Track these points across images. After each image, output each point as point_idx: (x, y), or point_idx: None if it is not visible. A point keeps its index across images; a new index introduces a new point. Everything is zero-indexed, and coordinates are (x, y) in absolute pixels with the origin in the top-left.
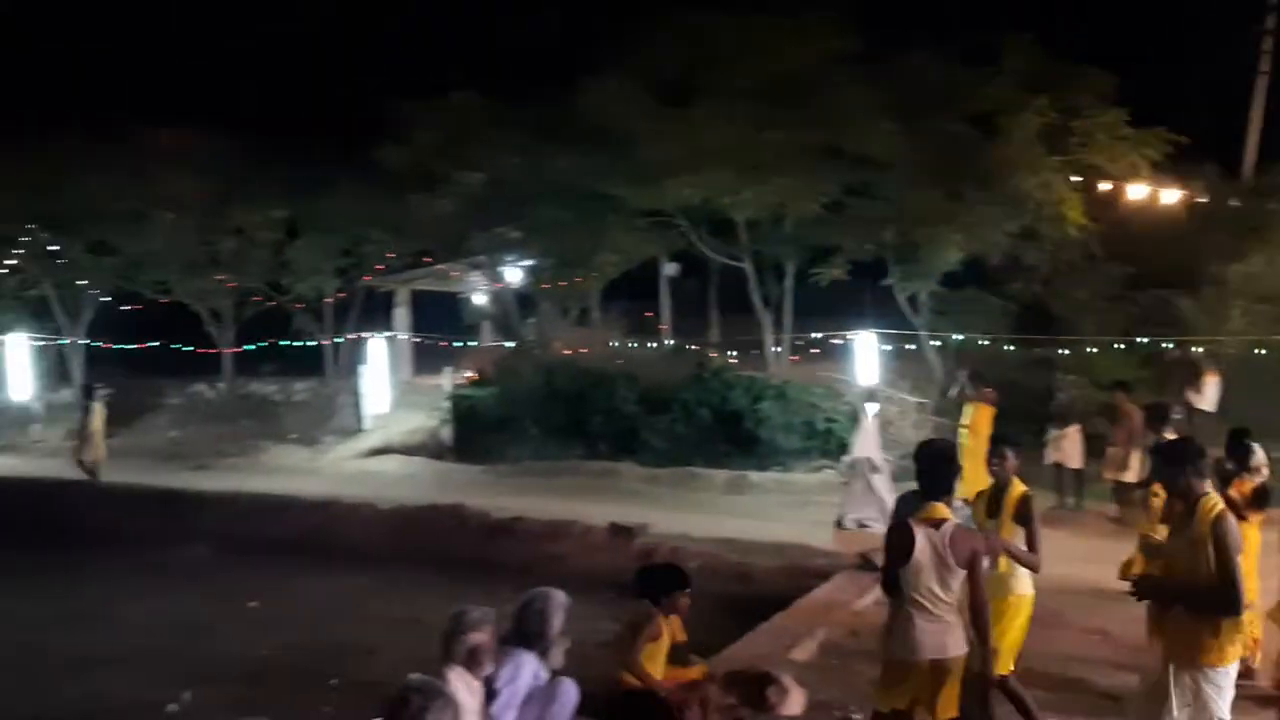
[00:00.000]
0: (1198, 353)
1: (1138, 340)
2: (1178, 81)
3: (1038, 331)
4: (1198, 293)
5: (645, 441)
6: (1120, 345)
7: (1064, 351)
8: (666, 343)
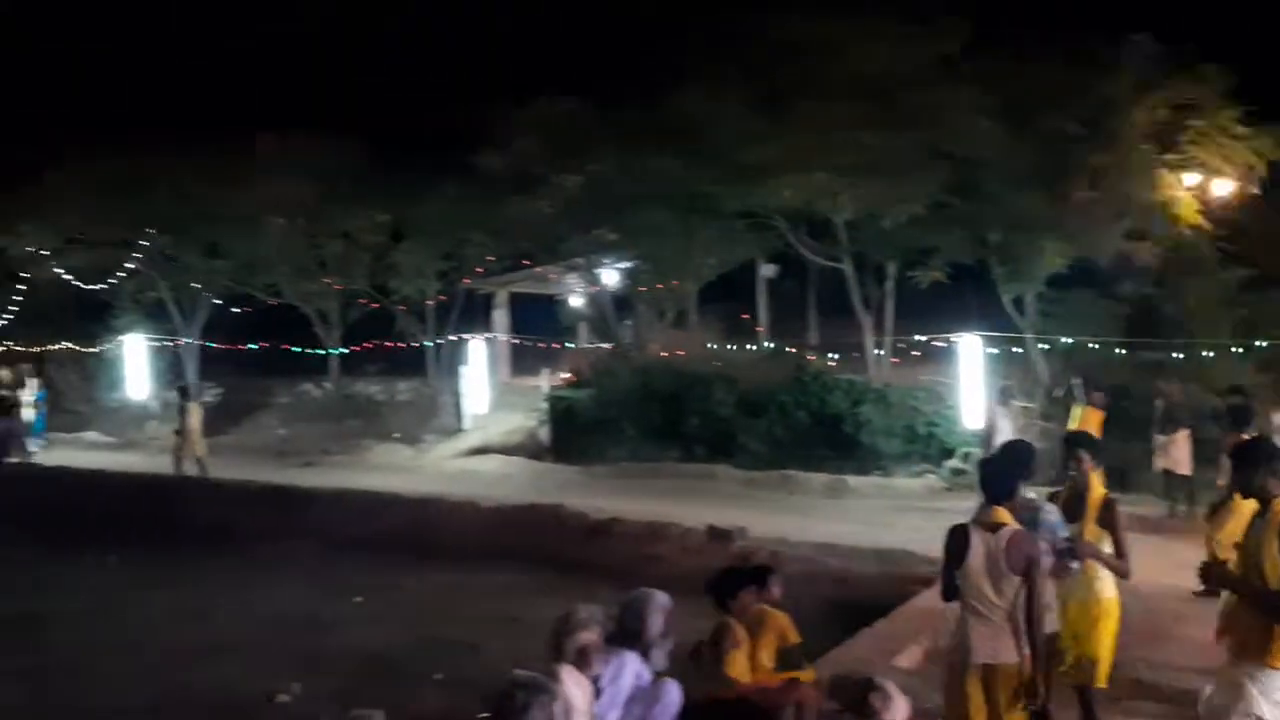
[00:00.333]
0: None
1: (1255, 344)
2: None
3: (1149, 334)
4: None
5: (742, 444)
6: (1237, 349)
7: (1178, 356)
8: (764, 345)
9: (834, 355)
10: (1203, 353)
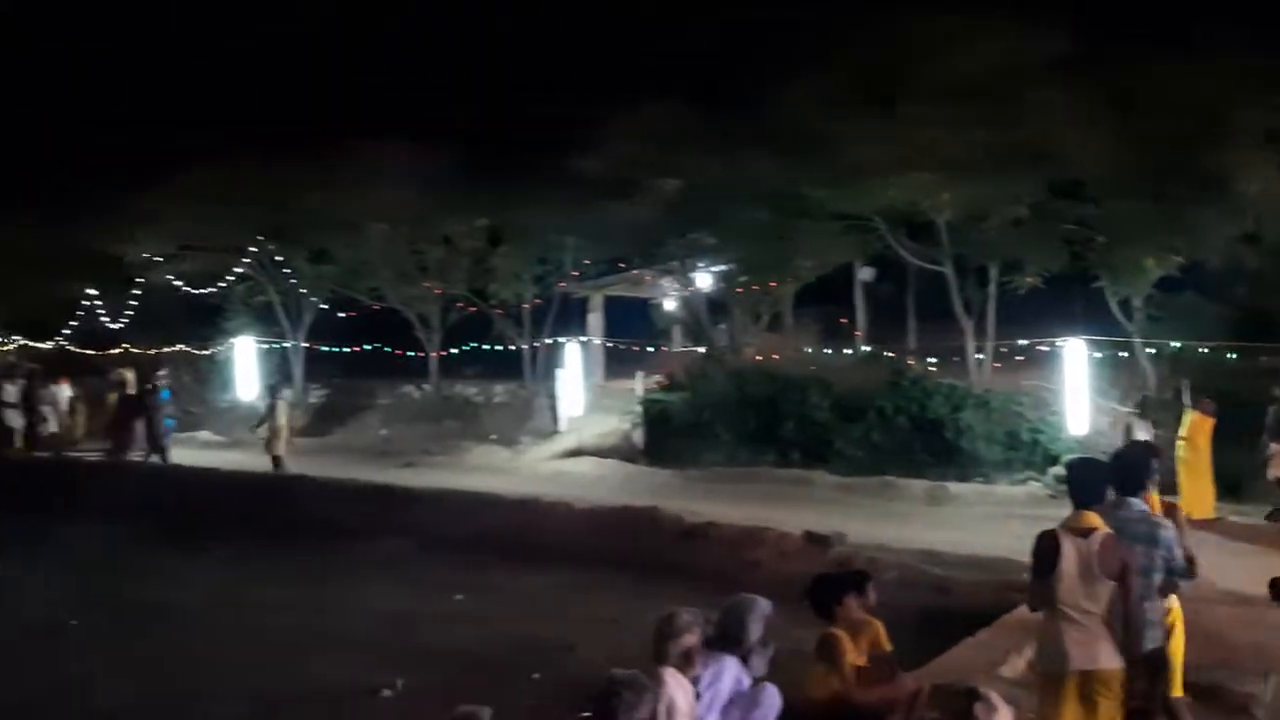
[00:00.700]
0: None
1: None
2: None
3: (1261, 339)
4: None
5: (839, 450)
6: None
7: None
8: (862, 349)
9: (933, 359)
10: None
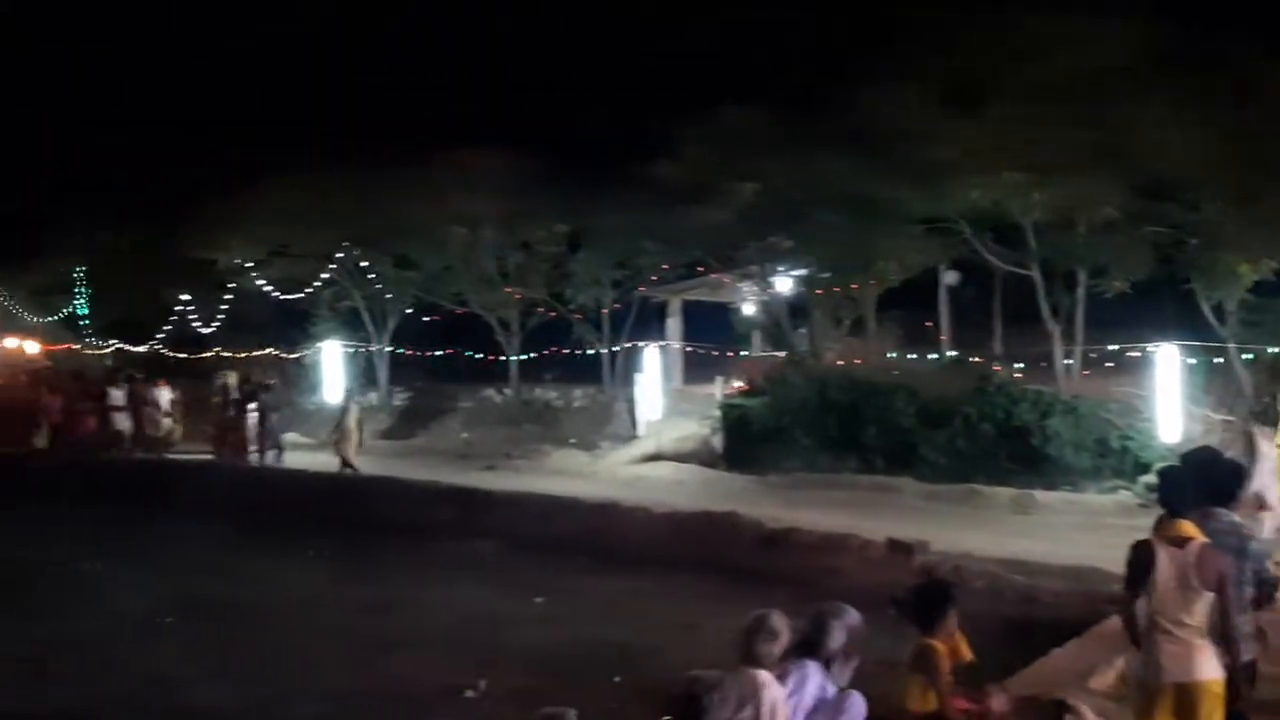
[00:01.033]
0: None
1: None
2: None
3: None
4: None
5: (923, 456)
6: None
7: None
8: (946, 354)
9: (1019, 365)
10: None
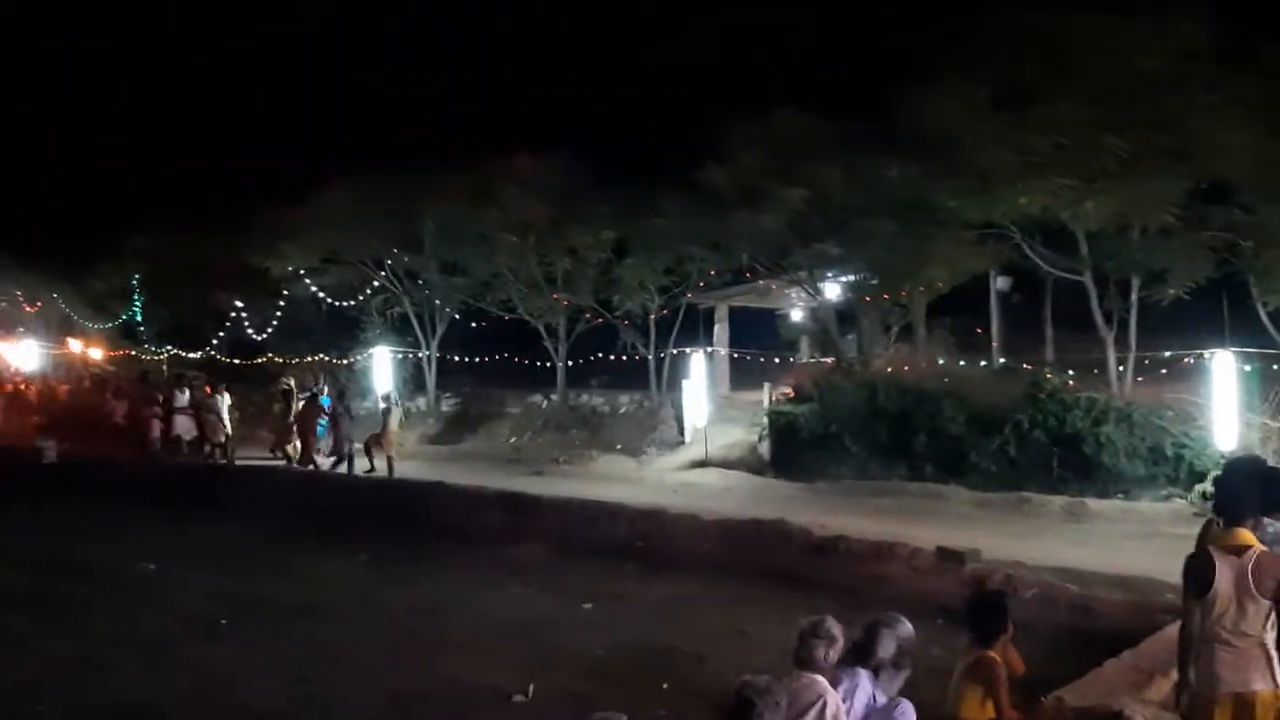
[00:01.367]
0: None
1: None
2: None
3: None
4: None
5: (974, 464)
6: None
7: None
8: (997, 360)
9: (1071, 372)
10: None
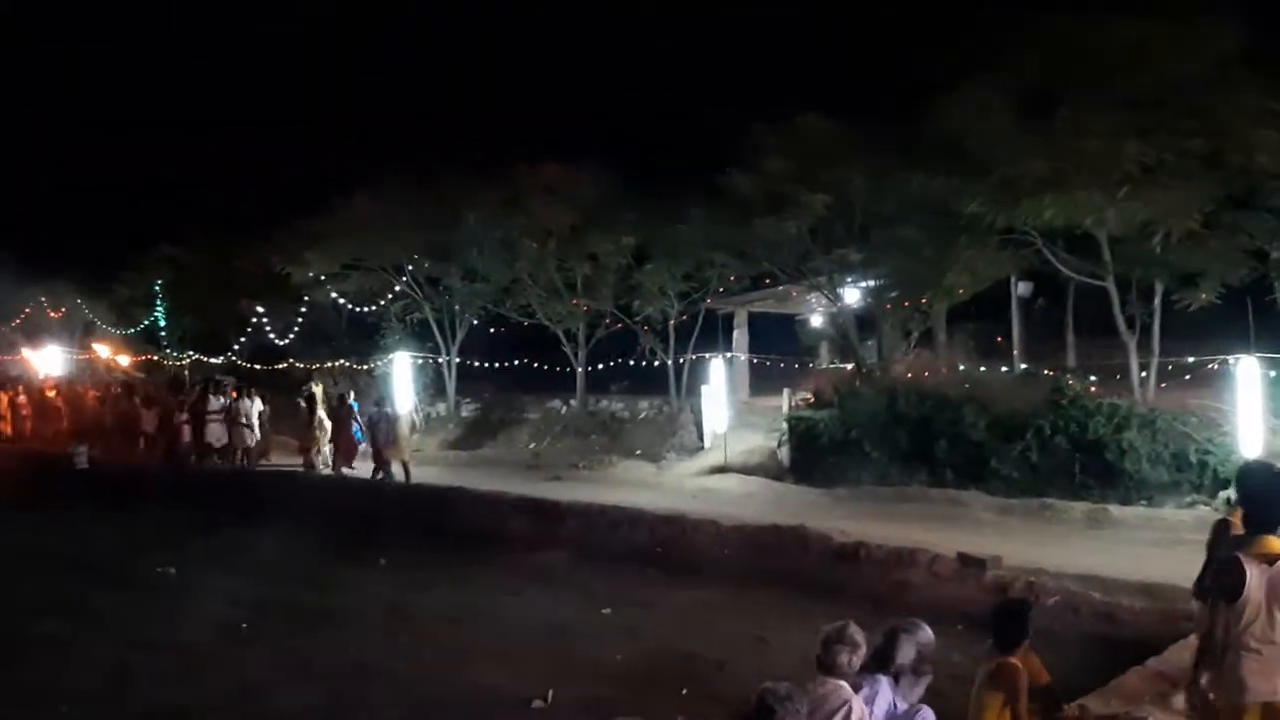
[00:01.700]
0: None
1: None
2: None
3: None
4: None
5: (995, 470)
6: None
7: None
8: (1018, 366)
9: (1094, 377)
10: None
